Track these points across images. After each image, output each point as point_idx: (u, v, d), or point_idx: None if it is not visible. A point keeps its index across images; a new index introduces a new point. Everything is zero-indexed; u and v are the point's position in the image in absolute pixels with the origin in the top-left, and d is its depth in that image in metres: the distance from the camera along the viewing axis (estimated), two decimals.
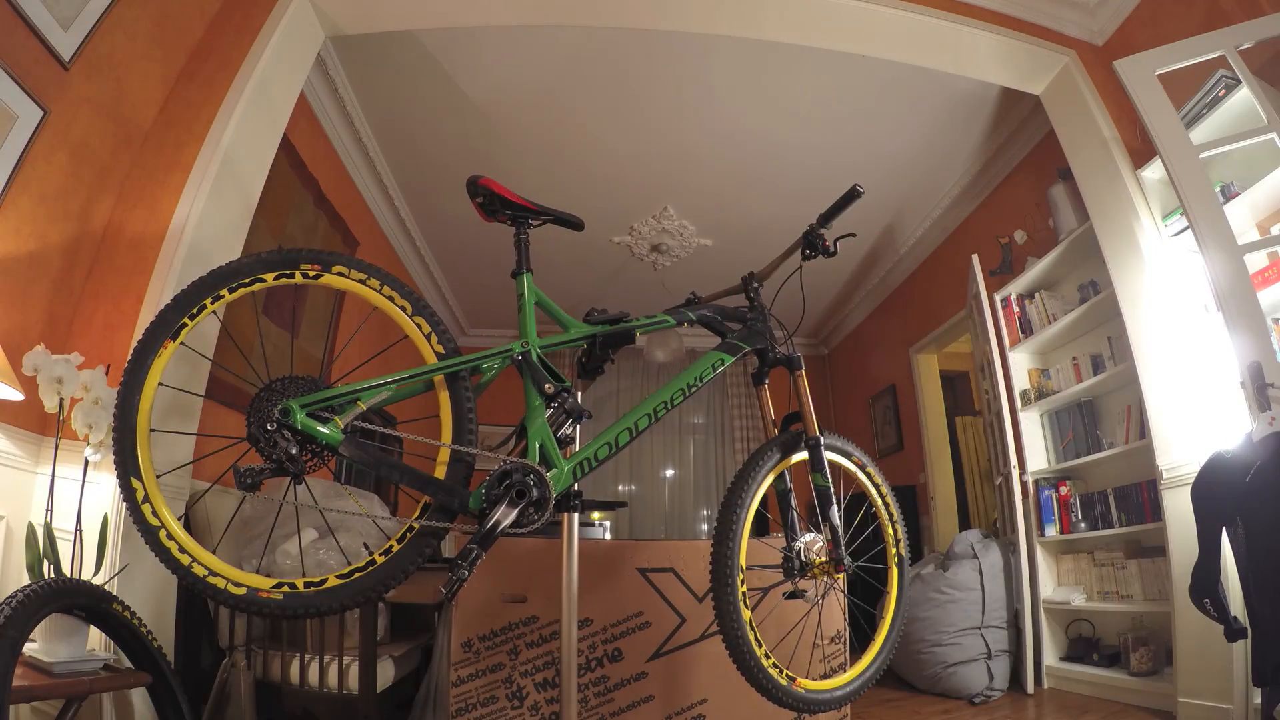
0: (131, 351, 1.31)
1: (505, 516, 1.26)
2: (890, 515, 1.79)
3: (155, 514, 1.22)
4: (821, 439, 1.63)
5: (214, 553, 1.23)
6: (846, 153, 4.00)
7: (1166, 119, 2.31)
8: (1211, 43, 2.29)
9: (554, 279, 5.26)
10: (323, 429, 1.22)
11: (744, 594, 1.44)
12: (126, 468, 1.24)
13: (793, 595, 1.56)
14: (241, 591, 1.19)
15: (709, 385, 5.97)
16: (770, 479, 1.61)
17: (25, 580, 1.58)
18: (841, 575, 1.61)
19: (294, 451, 1.20)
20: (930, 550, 4.64)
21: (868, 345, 6.14)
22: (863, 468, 1.78)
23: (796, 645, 1.82)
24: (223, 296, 1.34)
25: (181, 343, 1.33)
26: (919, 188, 4.40)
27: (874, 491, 1.80)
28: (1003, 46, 3.02)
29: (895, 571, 1.74)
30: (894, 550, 1.75)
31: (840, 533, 1.59)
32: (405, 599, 2.37)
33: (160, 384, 1.31)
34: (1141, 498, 2.85)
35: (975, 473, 5.35)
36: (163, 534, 1.21)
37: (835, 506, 1.59)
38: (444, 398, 1.35)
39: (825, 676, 1.94)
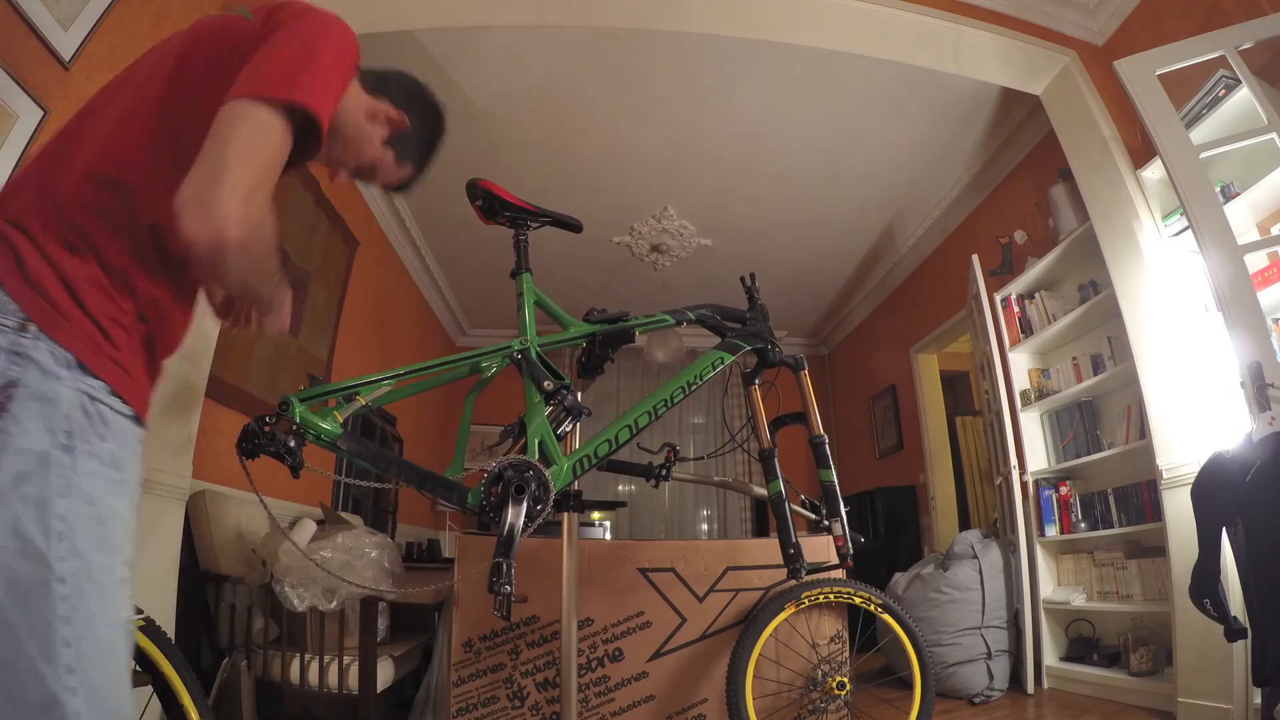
0: None
1: (516, 517, 1.25)
2: None
3: None
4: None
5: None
6: (846, 153, 4.00)
7: (1166, 119, 2.31)
8: (1211, 43, 2.29)
9: (554, 279, 5.26)
10: (322, 423, 1.23)
11: None
12: None
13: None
14: None
15: (708, 385, 5.98)
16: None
17: None
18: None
19: (291, 444, 1.21)
20: (930, 550, 4.64)
21: (868, 345, 6.14)
22: None
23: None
24: None
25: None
26: (919, 188, 4.40)
27: None
28: (1003, 46, 3.02)
29: None
30: None
31: (846, 526, 1.62)
32: (405, 599, 2.37)
33: None
34: (1141, 498, 2.85)
35: (975, 473, 5.35)
36: None
37: (841, 502, 1.64)
38: None
39: (825, 677, 1.95)
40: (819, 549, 1.99)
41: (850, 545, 1.62)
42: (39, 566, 0.63)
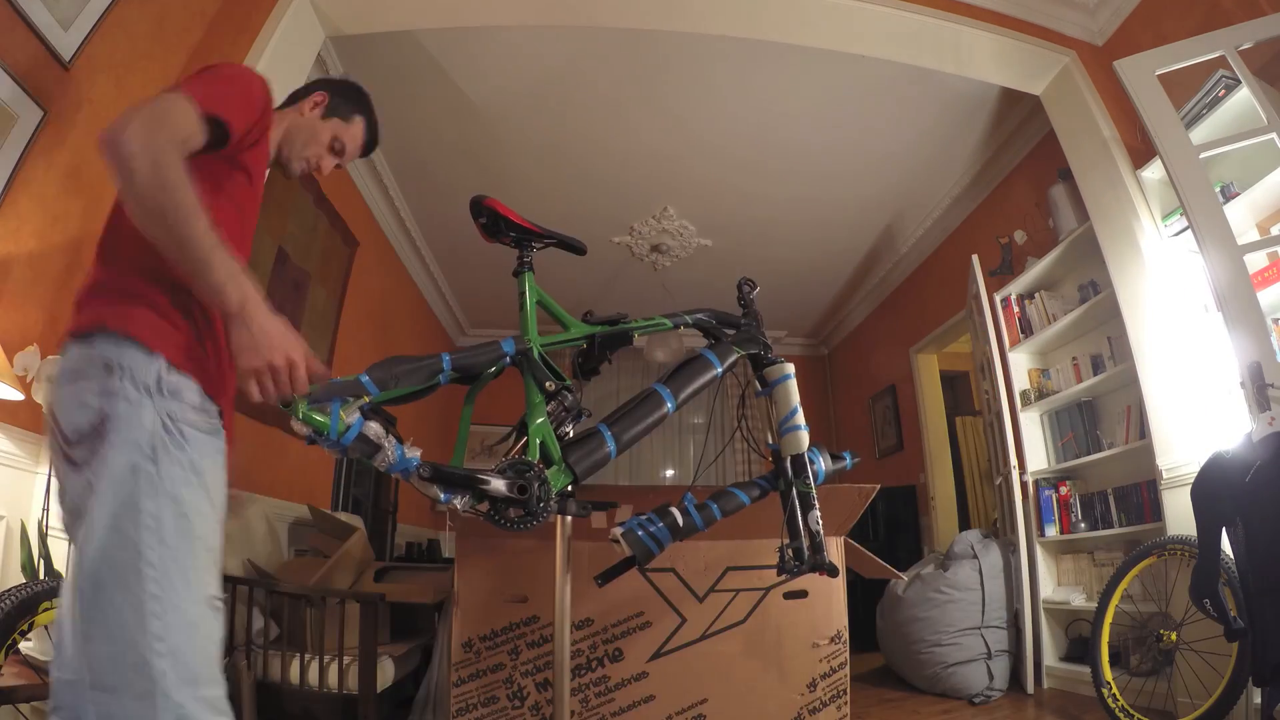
0: None
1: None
2: None
3: None
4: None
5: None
6: (846, 153, 4.00)
7: (1166, 119, 2.31)
8: (1211, 43, 2.29)
9: (553, 278, 5.24)
10: (325, 420, 1.23)
11: None
12: None
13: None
14: None
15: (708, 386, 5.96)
16: None
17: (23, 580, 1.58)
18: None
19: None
20: (930, 550, 4.64)
21: (868, 345, 6.14)
22: None
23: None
24: None
25: None
26: (919, 188, 4.40)
27: None
28: (1003, 47, 3.02)
29: None
30: None
31: (821, 537, 1.60)
32: (405, 599, 2.37)
33: None
34: (1141, 498, 2.85)
35: (975, 473, 5.35)
36: None
37: (816, 510, 1.61)
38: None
39: (825, 677, 1.95)
40: None
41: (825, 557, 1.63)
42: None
